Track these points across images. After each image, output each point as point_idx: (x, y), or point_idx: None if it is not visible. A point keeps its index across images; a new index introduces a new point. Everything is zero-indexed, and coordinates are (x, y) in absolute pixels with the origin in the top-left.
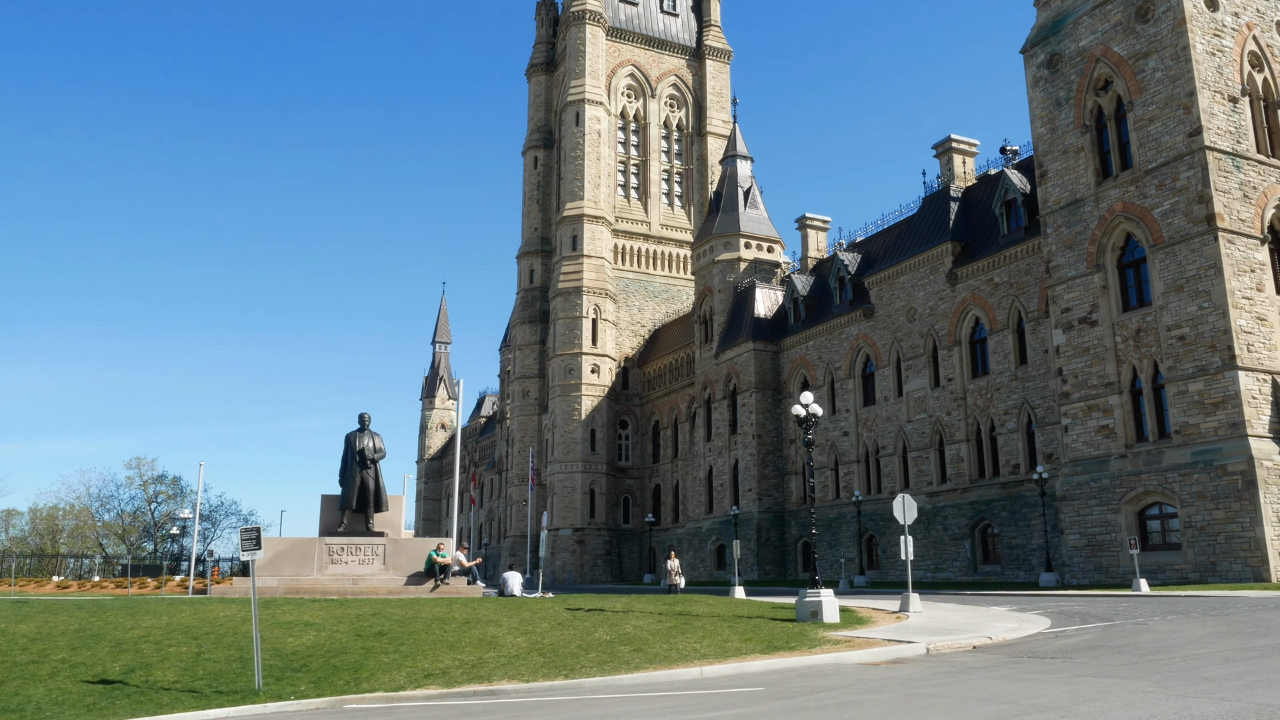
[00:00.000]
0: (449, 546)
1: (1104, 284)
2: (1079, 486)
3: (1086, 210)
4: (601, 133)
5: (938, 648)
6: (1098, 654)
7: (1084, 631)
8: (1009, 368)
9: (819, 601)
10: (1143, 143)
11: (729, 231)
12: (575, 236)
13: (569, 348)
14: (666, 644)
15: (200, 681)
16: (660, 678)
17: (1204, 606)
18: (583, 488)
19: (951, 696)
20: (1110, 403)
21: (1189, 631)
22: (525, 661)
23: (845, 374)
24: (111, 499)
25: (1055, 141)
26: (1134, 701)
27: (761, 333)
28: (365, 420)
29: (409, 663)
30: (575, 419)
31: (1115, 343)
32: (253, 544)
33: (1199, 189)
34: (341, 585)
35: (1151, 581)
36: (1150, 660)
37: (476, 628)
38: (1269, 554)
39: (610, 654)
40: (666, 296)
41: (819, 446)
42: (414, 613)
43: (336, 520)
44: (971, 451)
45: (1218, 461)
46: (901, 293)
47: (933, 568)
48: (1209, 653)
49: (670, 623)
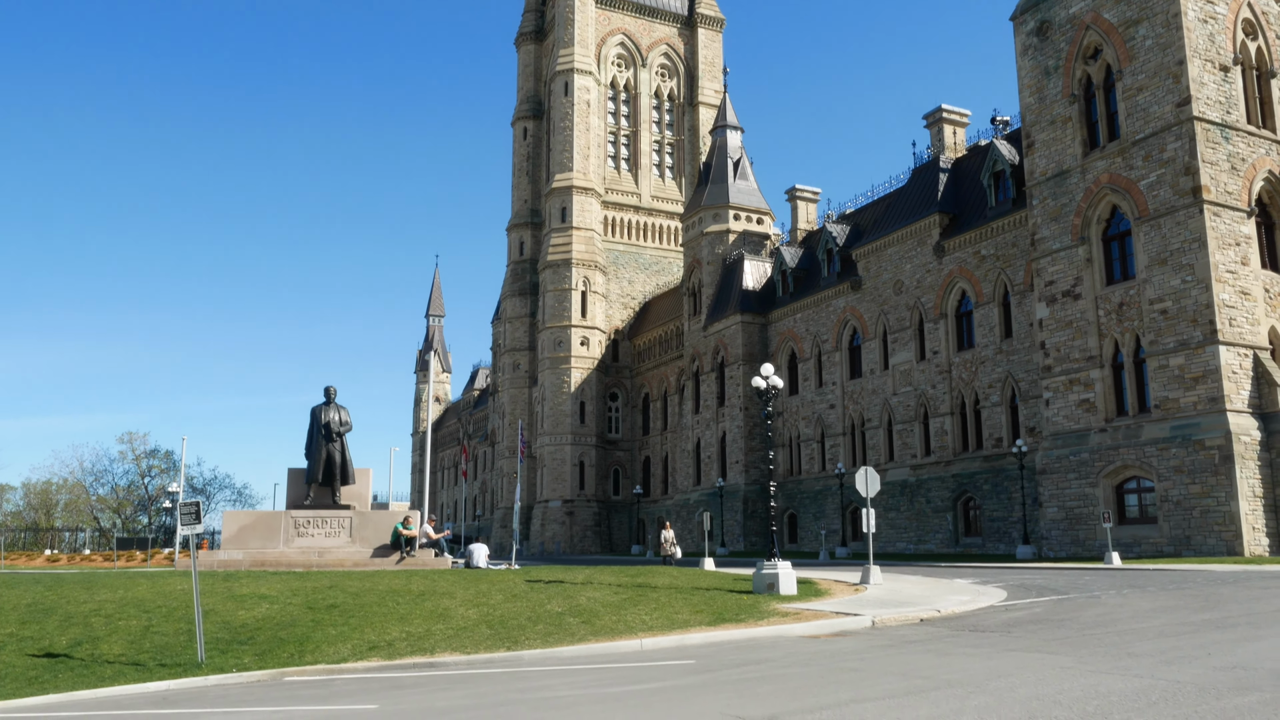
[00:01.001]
0: (416, 519)
1: (1088, 257)
2: (1058, 460)
3: (1073, 182)
4: (591, 103)
5: (883, 621)
6: (1037, 628)
7: (1035, 605)
8: (994, 341)
9: (775, 574)
10: (1131, 113)
11: (718, 203)
12: (564, 208)
13: (558, 320)
14: (616, 616)
15: (145, 655)
16: (600, 650)
17: (1166, 580)
18: (572, 460)
19: (872, 671)
20: (1091, 376)
21: (1137, 606)
22: (472, 634)
23: (832, 347)
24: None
25: (1043, 111)
26: (1047, 677)
27: (749, 305)
28: (331, 393)
29: (356, 635)
30: (565, 391)
31: (1098, 316)
32: (191, 518)
33: (1186, 160)
34: (307, 558)
35: (1127, 555)
36: (1085, 635)
37: (430, 600)
38: (1243, 528)
39: (558, 626)
40: (657, 269)
41: (805, 419)
42: (371, 585)
43: (303, 493)
44: (955, 425)
45: (1195, 436)
46: (889, 265)
47: (915, 540)
48: (1146, 627)
49: (626, 595)
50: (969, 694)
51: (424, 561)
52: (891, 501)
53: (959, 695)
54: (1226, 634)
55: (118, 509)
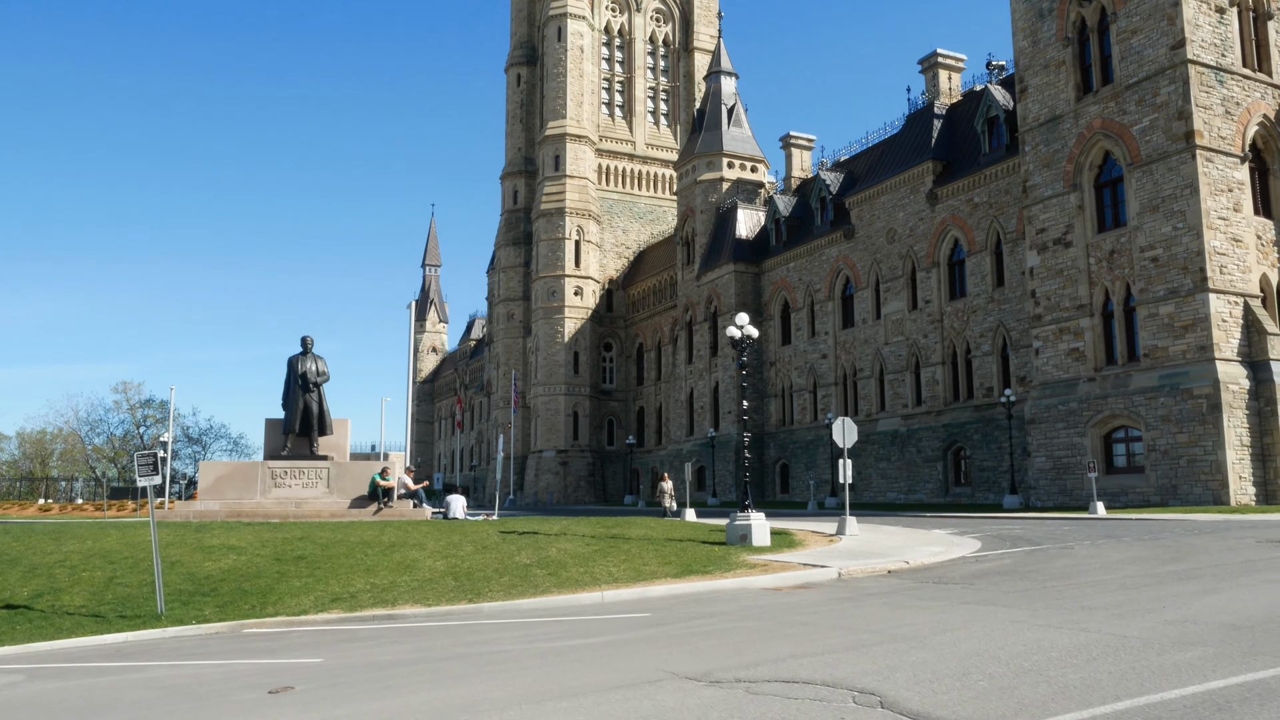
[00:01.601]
0: (394, 470)
1: (1080, 204)
2: (1047, 410)
3: (1065, 127)
4: (584, 48)
5: (849, 572)
6: (1001, 580)
7: (1006, 557)
8: (986, 290)
9: (748, 525)
10: (1124, 56)
11: (711, 151)
12: (558, 156)
13: (552, 270)
14: (583, 568)
15: (106, 606)
16: (560, 602)
17: (1144, 530)
18: (566, 410)
19: (822, 624)
20: (1081, 325)
21: (1108, 557)
22: (437, 585)
23: (825, 296)
24: (101, 423)
25: (1036, 55)
26: (994, 631)
27: (743, 254)
28: (308, 343)
29: (320, 586)
30: (558, 341)
31: (1089, 264)
32: (149, 469)
33: (1179, 105)
34: (284, 509)
35: (1114, 505)
36: (1047, 587)
37: (399, 551)
38: (1229, 478)
39: (523, 578)
40: (652, 218)
41: (798, 369)
42: (343, 536)
43: (280, 444)
44: (947, 374)
45: (1184, 385)
46: (882, 213)
47: (906, 490)
48: (1110, 579)
49: (597, 546)
50: (910, 649)
51: (401, 512)
52: (882, 452)
53: (900, 650)
54: (1188, 586)
55: (114, 458)
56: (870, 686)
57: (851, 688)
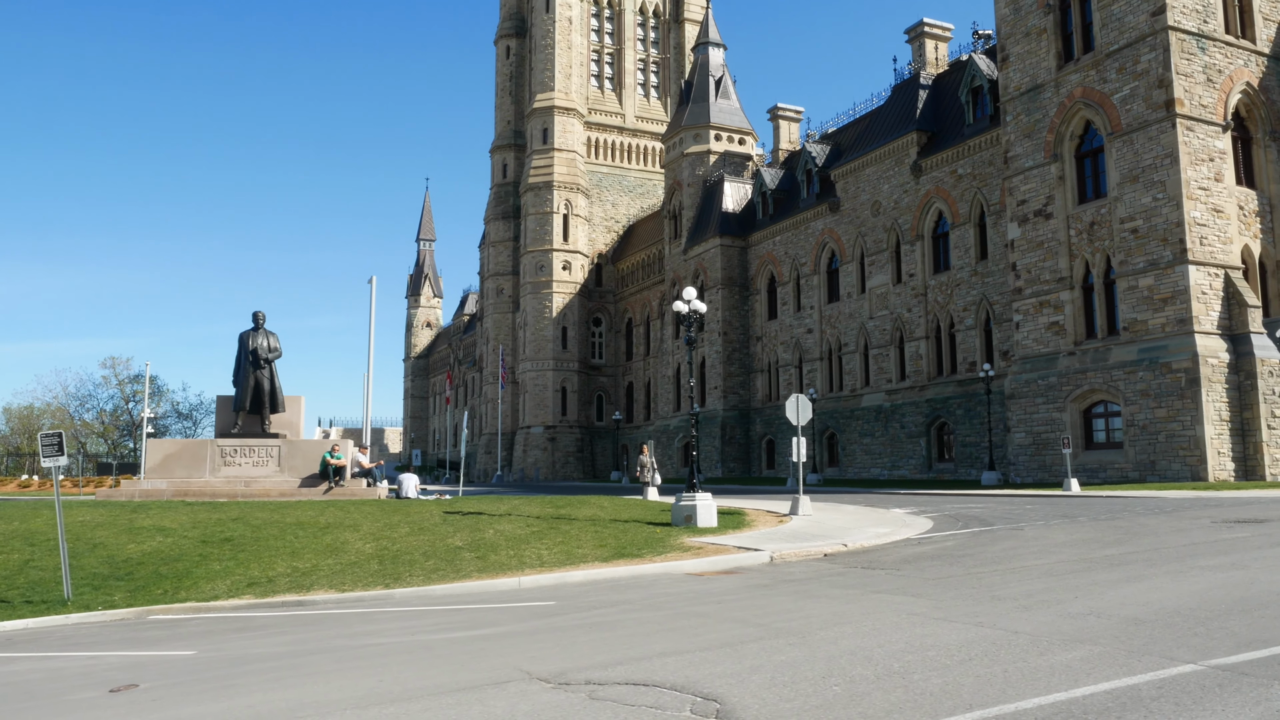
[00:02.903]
0: (345, 448)
1: (1060, 174)
2: (1027, 385)
3: (1046, 96)
4: (573, 19)
5: (782, 556)
6: (930, 565)
7: (950, 539)
8: (969, 263)
9: (693, 506)
10: (1105, 23)
11: (699, 123)
12: (546, 129)
13: (540, 244)
14: (514, 551)
15: (15, 591)
16: (475, 588)
17: (1106, 509)
18: (554, 385)
19: (719, 616)
20: (1061, 299)
21: (1053, 539)
22: (359, 569)
23: (810, 270)
24: (90, 398)
25: (1018, 23)
26: (884, 626)
27: (729, 228)
28: (260, 318)
29: (240, 570)
30: (546, 316)
31: (1069, 236)
32: (54, 449)
33: (1159, 73)
34: (233, 488)
35: (1092, 481)
36: (971, 574)
37: (332, 533)
38: (1207, 453)
39: (449, 562)
40: (641, 191)
41: (784, 344)
42: (281, 517)
43: (231, 422)
44: (930, 349)
45: (1163, 359)
46: (867, 185)
47: (889, 465)
48: (1040, 565)
49: (538, 527)
50: (787, 646)
51: (353, 491)
52: (866, 427)
53: (776, 648)
54: (1115, 573)
55: (103, 434)
56: (718, 692)
57: (698, 693)
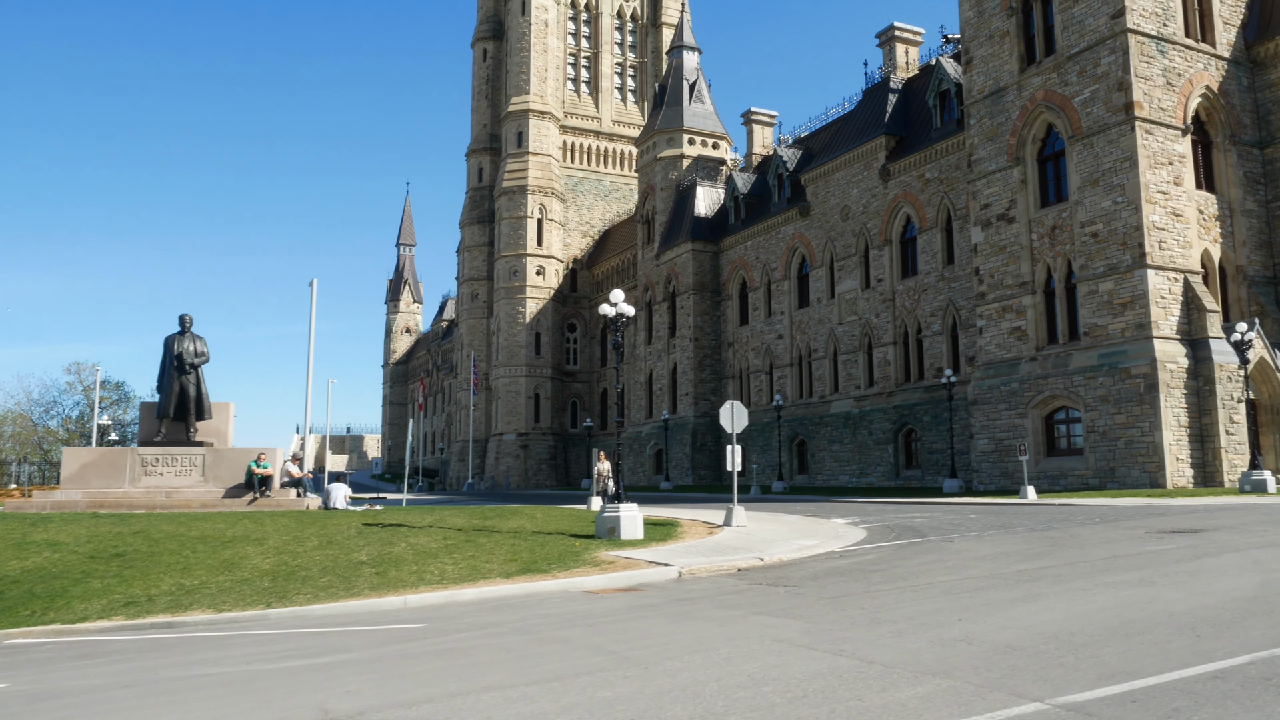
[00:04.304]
0: (272, 457)
1: (1023, 178)
2: (989, 391)
3: (1009, 99)
4: (549, 22)
5: (692, 571)
6: (837, 581)
7: (874, 551)
8: (936, 268)
9: (617, 518)
10: (1067, 25)
11: (672, 127)
12: (521, 133)
13: (513, 249)
14: (417, 567)
15: None
16: (356, 608)
17: (1049, 518)
18: (527, 392)
19: (577, 644)
20: (1024, 303)
21: (976, 551)
22: (248, 587)
23: (781, 275)
24: (55, 405)
25: (982, 26)
26: (739, 654)
27: (701, 233)
28: (186, 322)
29: (121, 589)
30: (519, 322)
31: (1031, 240)
32: None
33: (1119, 75)
34: (152, 499)
35: (1054, 488)
36: (872, 590)
37: (235, 547)
38: (1166, 459)
39: (345, 579)
40: (618, 196)
41: (755, 350)
42: (187, 530)
43: (155, 429)
44: (899, 355)
45: (1122, 364)
46: (836, 190)
47: (857, 473)
48: (945, 581)
49: (455, 540)
50: (620, 680)
51: (279, 502)
52: (835, 434)
53: (605, 682)
54: (1017, 590)
55: (67, 441)
56: None
57: None
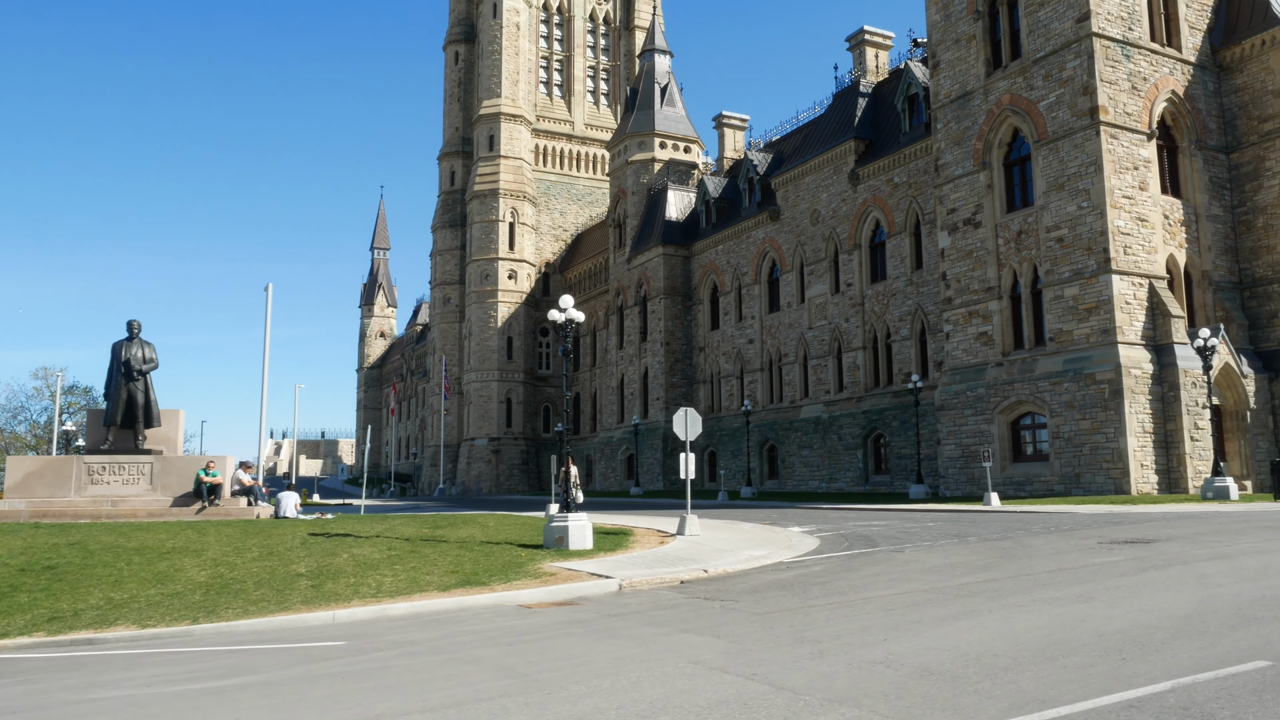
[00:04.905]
0: (222, 465)
1: (989, 183)
2: (956, 396)
3: (976, 104)
4: (521, 25)
5: (633, 583)
6: (775, 595)
7: (823, 562)
8: (905, 272)
9: (565, 527)
10: (1033, 29)
11: (643, 131)
12: (492, 136)
13: (485, 253)
14: (355, 579)
15: None
16: (283, 624)
17: (1005, 527)
18: (499, 397)
19: (490, 664)
20: (990, 308)
21: (925, 562)
22: (177, 601)
23: (751, 279)
24: (22, 410)
25: (949, 29)
26: (649, 678)
27: (672, 237)
28: (134, 328)
29: (48, 603)
30: (491, 326)
31: (997, 245)
32: None
33: (1084, 79)
34: (99, 508)
35: (1019, 494)
36: (807, 606)
37: (172, 559)
38: (1130, 466)
39: (279, 592)
40: (591, 200)
41: (725, 354)
42: (125, 540)
43: (102, 437)
44: (868, 359)
45: (1087, 370)
46: (806, 194)
47: (827, 478)
48: (885, 595)
49: (400, 550)
50: (517, 708)
51: (228, 511)
52: (805, 439)
53: (501, 710)
54: (953, 606)
55: (35, 446)
56: None
57: None
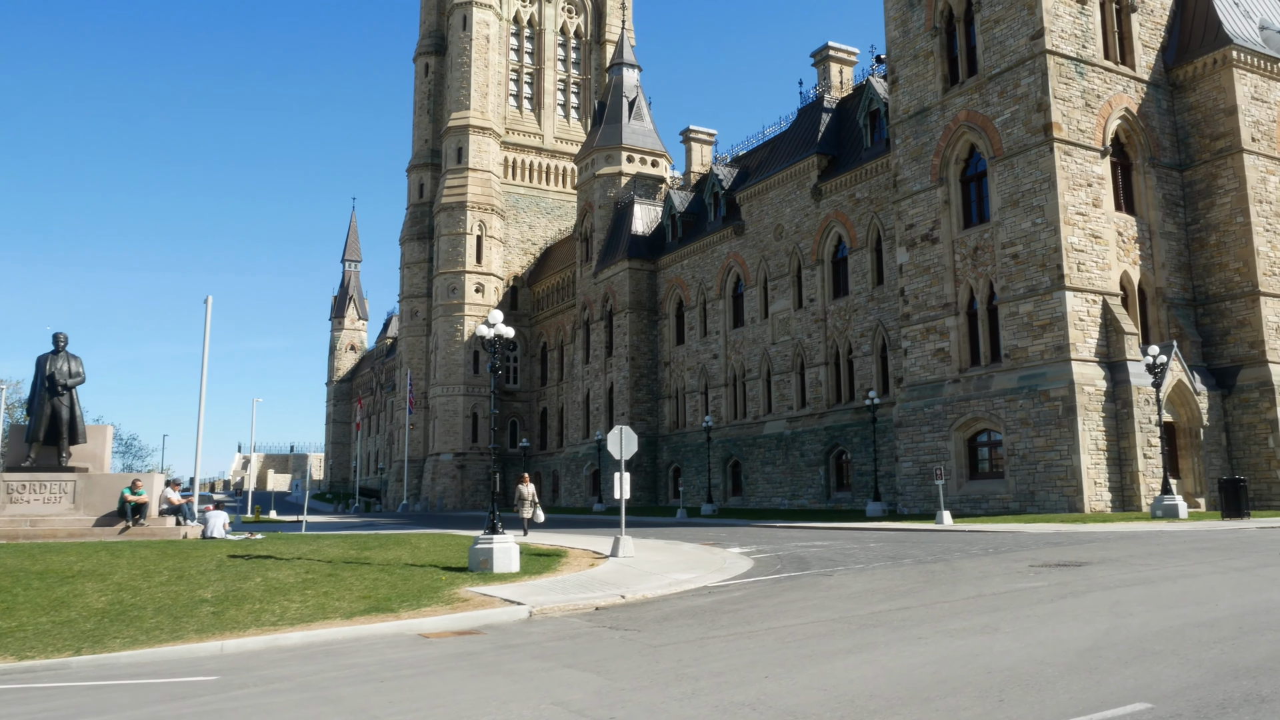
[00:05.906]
0: (149, 483)
1: (946, 199)
2: (914, 413)
3: (933, 120)
4: (491, 38)
5: (545, 610)
6: (682, 625)
7: (747, 586)
8: (866, 288)
9: (490, 550)
10: (988, 46)
11: (611, 144)
12: (461, 148)
13: (452, 266)
14: (261, 605)
15: None
16: (165, 655)
17: (945, 547)
18: (465, 411)
19: (349, 706)
20: (947, 325)
21: (848, 588)
22: (67, 630)
23: (716, 294)
24: None
25: (907, 45)
26: None
27: (639, 251)
28: (60, 341)
29: None
30: (458, 340)
31: (954, 261)
32: None
33: (1038, 96)
34: (16, 528)
35: (975, 511)
36: (707, 637)
37: (74, 583)
38: (1084, 483)
39: (176, 619)
40: (560, 213)
41: (690, 370)
42: (30, 564)
43: (23, 454)
44: (830, 375)
45: (1041, 387)
46: (770, 209)
47: (789, 495)
48: (790, 626)
49: (318, 574)
50: None
51: (153, 531)
52: (768, 455)
53: None
54: (852, 639)
55: None
56: None
57: None
